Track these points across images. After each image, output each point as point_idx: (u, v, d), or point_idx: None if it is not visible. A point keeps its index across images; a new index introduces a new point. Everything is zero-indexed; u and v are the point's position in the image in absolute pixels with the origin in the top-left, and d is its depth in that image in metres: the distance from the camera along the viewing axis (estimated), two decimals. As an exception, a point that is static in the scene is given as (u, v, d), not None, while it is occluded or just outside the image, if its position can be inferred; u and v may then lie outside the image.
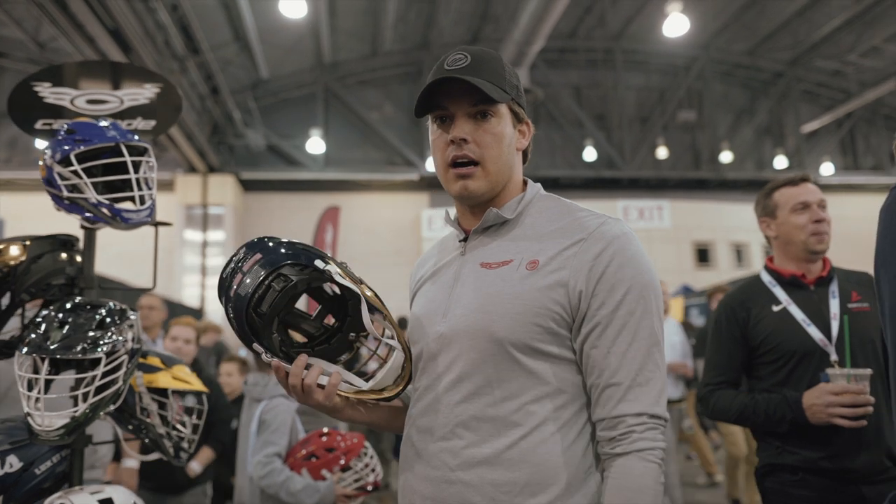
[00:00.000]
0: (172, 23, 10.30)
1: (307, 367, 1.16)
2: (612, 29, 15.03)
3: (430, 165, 15.13)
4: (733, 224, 15.95)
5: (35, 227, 2.07)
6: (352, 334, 1.24)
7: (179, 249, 14.14)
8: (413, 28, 14.45)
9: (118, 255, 8.91)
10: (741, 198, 15.93)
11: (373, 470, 2.55)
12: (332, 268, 1.15)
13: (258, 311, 1.11)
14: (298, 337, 1.25)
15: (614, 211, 15.12)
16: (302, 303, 1.27)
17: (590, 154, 15.64)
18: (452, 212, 1.34)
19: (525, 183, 1.29)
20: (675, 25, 11.83)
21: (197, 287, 14.23)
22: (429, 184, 15.63)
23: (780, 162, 16.39)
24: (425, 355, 1.21)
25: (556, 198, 1.27)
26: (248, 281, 1.11)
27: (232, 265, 1.14)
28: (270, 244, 1.15)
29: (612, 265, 1.10)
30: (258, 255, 1.12)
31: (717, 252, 16.21)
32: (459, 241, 1.28)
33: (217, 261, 14.44)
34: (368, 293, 1.18)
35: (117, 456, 3.34)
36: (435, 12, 13.59)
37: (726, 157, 16.14)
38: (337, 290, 1.22)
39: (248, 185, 15.45)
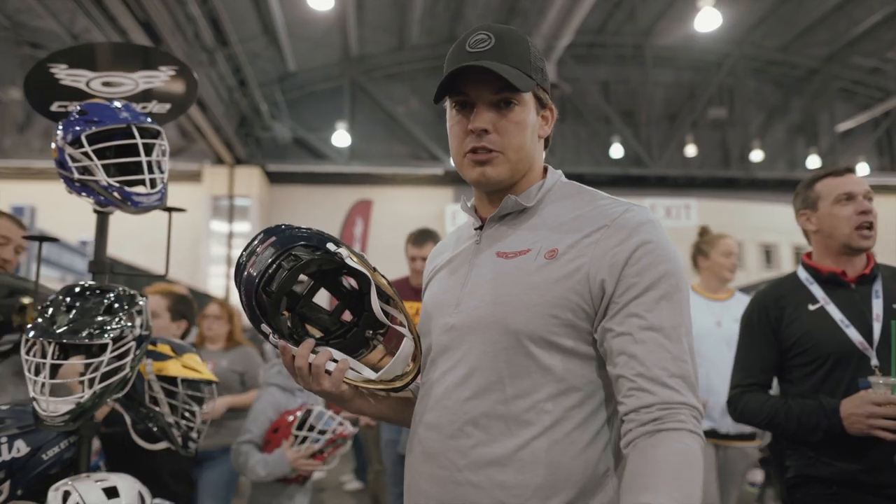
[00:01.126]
0: (202, 15, 10.39)
1: (315, 351, 1.14)
2: (642, 24, 14.76)
3: (454, 160, 15.04)
4: (763, 224, 15.60)
5: (66, 215, 2.06)
6: (368, 331, 1.22)
7: (206, 240, 14.30)
8: (440, 22, 14.37)
9: (146, 245, 9.01)
10: (772, 198, 15.57)
11: (321, 432, 2.54)
12: (344, 251, 1.15)
13: (267, 290, 1.12)
14: (315, 332, 1.24)
15: (641, 209, 14.92)
16: (323, 300, 1.27)
17: (617, 151, 15.41)
18: (470, 200, 1.27)
19: (545, 170, 1.23)
20: (707, 20, 11.60)
21: (222, 277, 14.36)
22: (453, 178, 15.53)
23: (813, 161, 15.98)
24: (435, 348, 1.16)
25: (577, 185, 1.20)
26: (259, 261, 1.12)
27: (248, 249, 1.15)
28: (286, 229, 1.16)
29: (636, 253, 1.03)
30: (273, 238, 1.14)
31: (745, 252, 15.86)
32: (475, 230, 1.22)
33: (242, 252, 14.57)
34: (381, 280, 1.17)
35: None
36: (462, 6, 13.49)
37: (757, 155, 15.79)
38: (354, 284, 1.22)
39: (274, 178, 15.54)
